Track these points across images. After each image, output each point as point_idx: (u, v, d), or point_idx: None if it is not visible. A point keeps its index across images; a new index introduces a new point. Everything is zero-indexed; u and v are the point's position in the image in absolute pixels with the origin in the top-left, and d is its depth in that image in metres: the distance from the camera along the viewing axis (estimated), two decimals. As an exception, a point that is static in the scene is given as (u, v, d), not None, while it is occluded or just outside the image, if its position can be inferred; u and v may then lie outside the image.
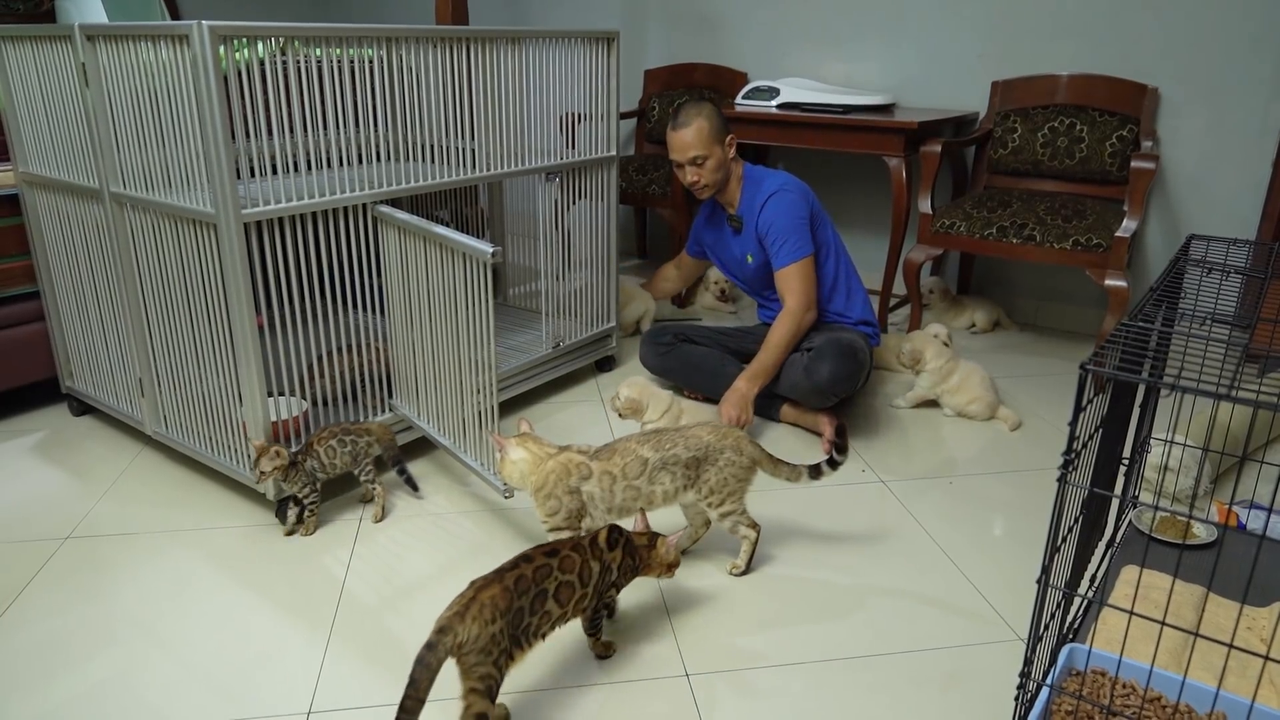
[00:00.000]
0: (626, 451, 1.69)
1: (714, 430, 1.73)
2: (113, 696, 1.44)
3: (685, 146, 2.37)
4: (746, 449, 1.73)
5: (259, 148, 1.77)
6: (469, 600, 1.27)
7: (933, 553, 1.87)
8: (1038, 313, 3.41)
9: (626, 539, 1.51)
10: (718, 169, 2.40)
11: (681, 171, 2.43)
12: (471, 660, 1.25)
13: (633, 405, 2.30)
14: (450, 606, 1.27)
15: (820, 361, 2.30)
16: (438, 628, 1.24)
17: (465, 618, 1.25)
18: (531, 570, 1.35)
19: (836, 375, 2.29)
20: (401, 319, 2.04)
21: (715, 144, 2.37)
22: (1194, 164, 2.98)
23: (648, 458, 1.67)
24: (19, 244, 2.37)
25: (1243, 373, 2.56)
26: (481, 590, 1.29)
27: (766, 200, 2.38)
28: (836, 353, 2.30)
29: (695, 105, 2.39)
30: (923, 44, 3.36)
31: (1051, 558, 1.01)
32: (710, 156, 2.37)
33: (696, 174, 2.40)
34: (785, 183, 2.41)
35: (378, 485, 1.98)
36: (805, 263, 2.36)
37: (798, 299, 2.35)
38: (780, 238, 2.37)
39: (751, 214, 2.44)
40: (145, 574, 1.77)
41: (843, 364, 2.29)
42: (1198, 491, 2.01)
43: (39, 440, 2.35)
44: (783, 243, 2.36)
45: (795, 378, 2.36)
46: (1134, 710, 1.04)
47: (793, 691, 1.46)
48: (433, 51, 2.06)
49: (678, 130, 2.37)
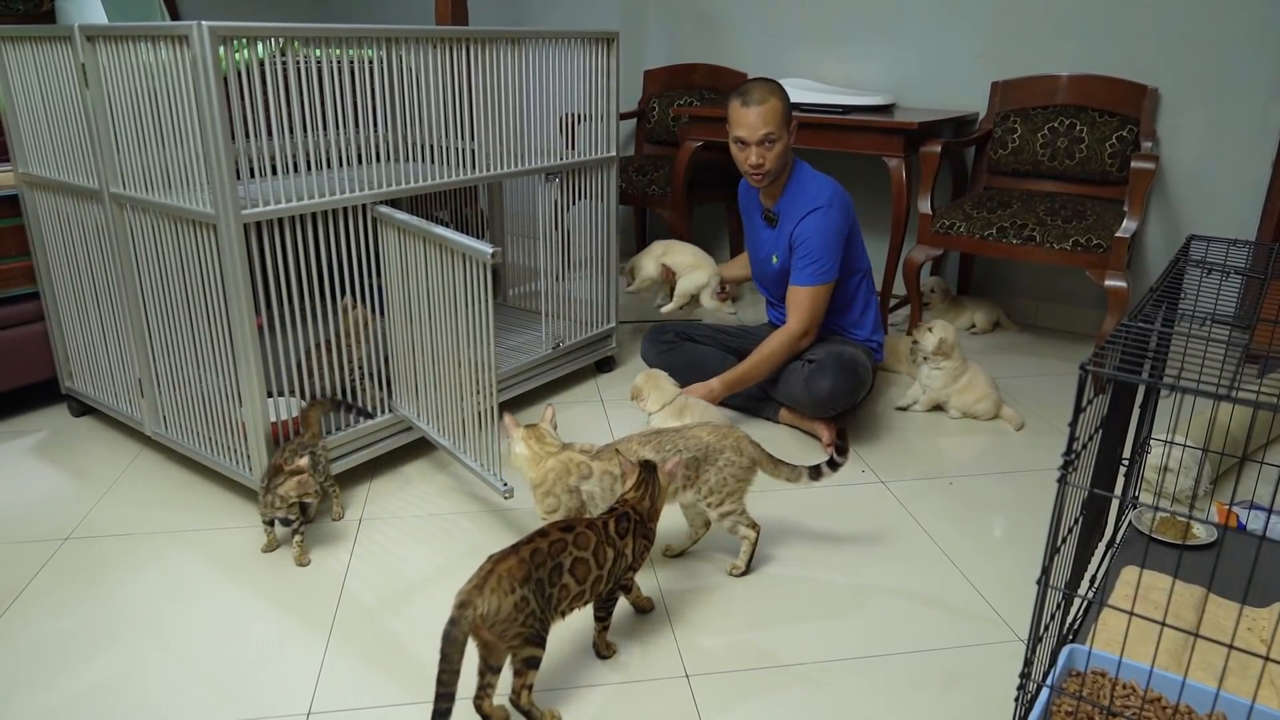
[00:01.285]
0: (628, 452, 1.69)
1: (714, 430, 1.73)
2: (113, 697, 1.44)
3: (758, 124, 2.21)
4: (747, 449, 1.73)
5: (259, 148, 1.77)
6: (486, 573, 1.29)
7: (932, 553, 1.87)
8: (1038, 313, 3.41)
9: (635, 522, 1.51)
10: (783, 154, 2.27)
11: (745, 152, 2.26)
12: (500, 629, 1.27)
13: (634, 391, 2.29)
14: (470, 579, 1.29)
15: (821, 376, 2.27)
16: (458, 602, 1.26)
17: (484, 590, 1.27)
18: (547, 544, 1.37)
19: (835, 391, 2.27)
20: (401, 319, 2.04)
21: (784, 128, 2.25)
22: (1194, 164, 2.98)
23: (646, 458, 1.67)
24: (19, 245, 2.37)
25: (1243, 373, 2.56)
26: (499, 563, 1.31)
27: (812, 212, 2.28)
28: (838, 368, 2.28)
29: (768, 83, 2.25)
30: (923, 44, 3.36)
31: (1051, 558, 1.01)
32: (779, 140, 2.24)
33: (762, 156, 2.24)
34: (834, 196, 2.30)
35: (335, 487, 2.00)
36: (824, 289, 2.30)
37: (802, 322, 2.31)
38: (811, 255, 2.28)
39: (791, 217, 2.33)
40: (145, 574, 1.77)
41: (843, 380, 2.27)
42: (1197, 492, 2.01)
43: (39, 441, 2.35)
44: (811, 261, 2.28)
45: (795, 389, 2.34)
46: (1134, 711, 1.04)
47: (793, 692, 1.46)
48: (433, 52, 2.06)
49: (750, 106, 2.21)
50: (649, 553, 1.55)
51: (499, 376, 2.42)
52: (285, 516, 1.80)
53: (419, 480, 2.15)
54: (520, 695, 1.33)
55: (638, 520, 1.51)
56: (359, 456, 2.09)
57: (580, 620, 1.63)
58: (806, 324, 2.32)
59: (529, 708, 1.34)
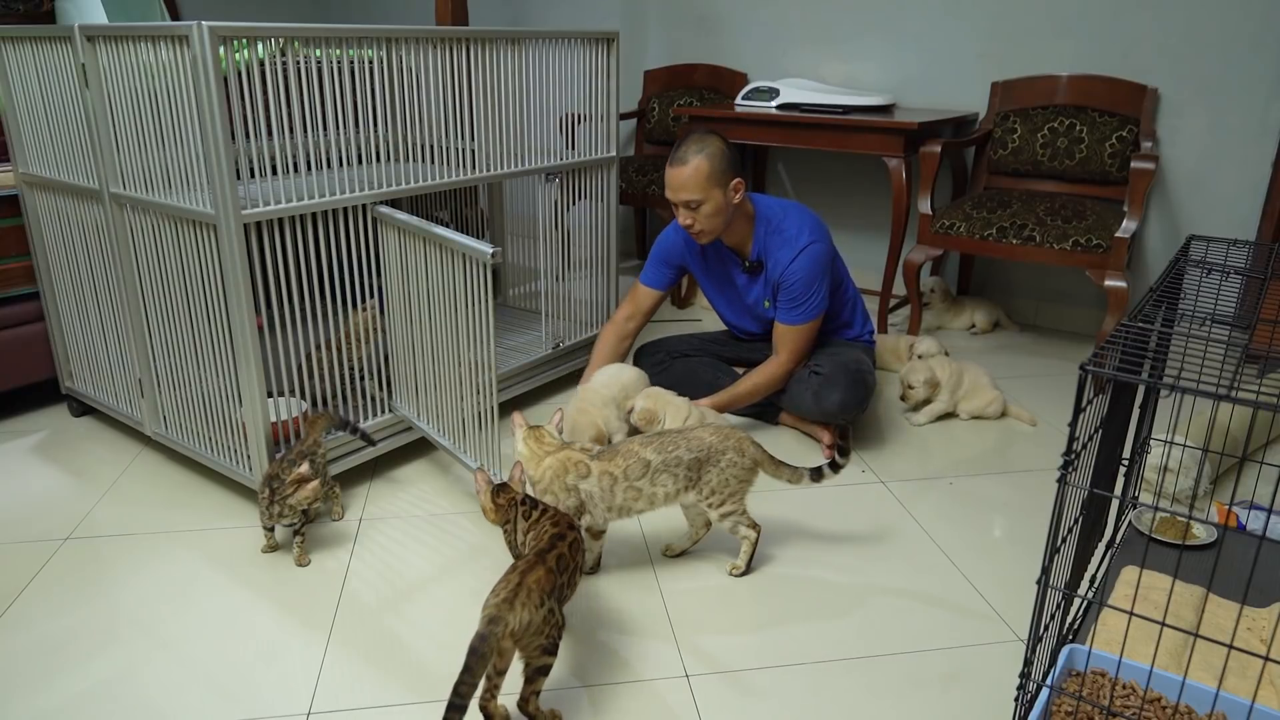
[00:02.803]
0: (629, 454, 1.68)
1: (716, 431, 1.73)
2: (113, 697, 1.44)
3: (679, 187, 2.13)
4: (749, 450, 1.73)
5: (259, 148, 1.77)
6: (516, 586, 1.27)
7: (933, 553, 1.87)
8: (1038, 313, 3.41)
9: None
10: (715, 214, 2.16)
11: (676, 211, 2.21)
12: (526, 641, 1.28)
13: (648, 416, 2.18)
14: (496, 592, 1.27)
15: (831, 390, 2.26)
16: (489, 617, 1.23)
17: (515, 605, 1.25)
18: (567, 547, 1.38)
19: (847, 403, 2.25)
20: (401, 319, 2.04)
21: (715, 187, 2.13)
22: (1194, 164, 2.98)
23: (650, 459, 1.67)
24: (19, 245, 2.37)
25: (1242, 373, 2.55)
26: (526, 575, 1.29)
27: (801, 253, 2.22)
28: (848, 382, 2.26)
29: (700, 140, 2.14)
30: (923, 44, 3.36)
31: (1051, 558, 1.01)
32: (707, 201, 2.13)
33: (690, 218, 2.17)
34: (813, 229, 2.26)
35: (336, 488, 1.99)
36: (815, 324, 2.30)
37: (793, 357, 2.31)
38: (801, 295, 2.25)
39: (779, 261, 2.25)
40: (145, 574, 1.77)
41: (853, 393, 2.26)
42: (1197, 492, 2.01)
43: (39, 440, 2.35)
44: (802, 302, 2.25)
45: (804, 401, 2.32)
46: (1134, 711, 1.04)
47: (792, 691, 1.46)
48: (433, 52, 2.06)
49: (673, 166, 2.14)
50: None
51: (499, 376, 2.42)
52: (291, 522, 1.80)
53: (419, 480, 2.15)
54: (529, 701, 1.33)
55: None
56: (359, 456, 2.09)
57: (579, 620, 1.64)
58: (797, 358, 2.33)
59: (534, 713, 1.34)
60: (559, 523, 1.44)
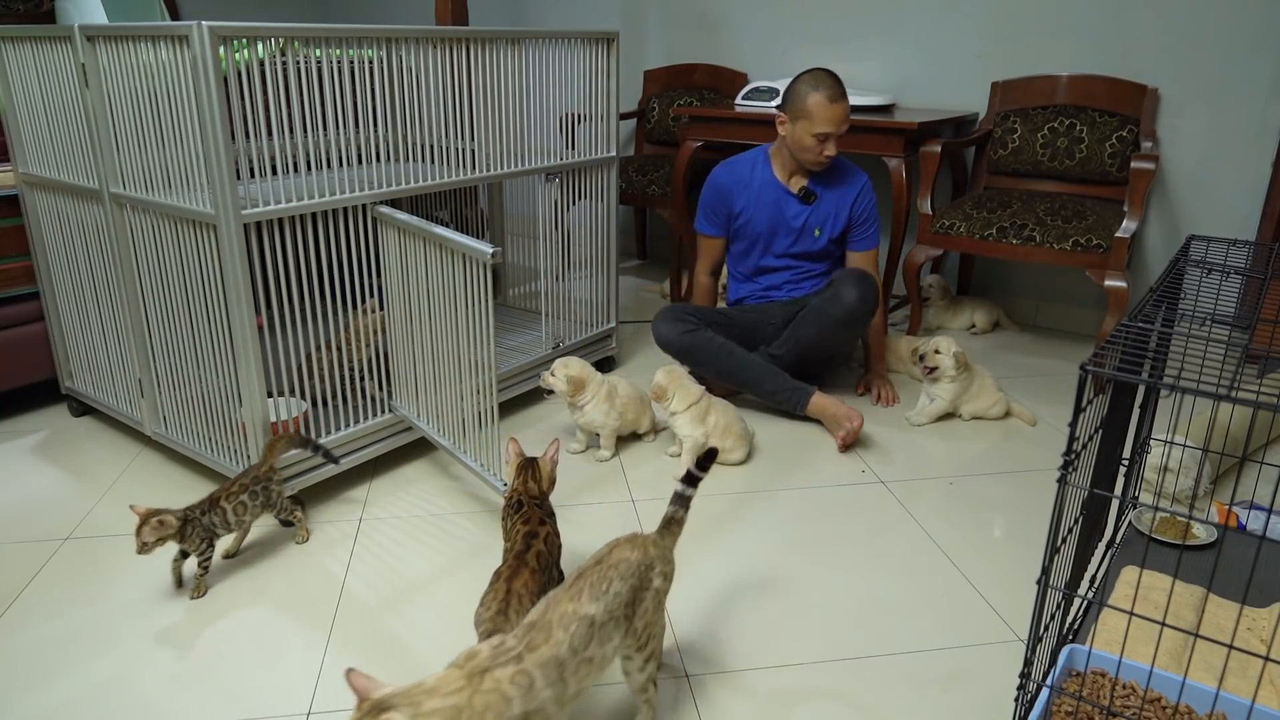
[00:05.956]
0: (564, 619, 1.16)
1: (629, 545, 1.29)
2: (113, 697, 1.44)
3: (843, 118, 2.42)
4: (668, 554, 1.34)
5: (259, 148, 1.77)
6: (505, 595, 1.26)
7: (933, 553, 1.88)
8: (1038, 313, 3.41)
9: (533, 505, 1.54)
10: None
11: (824, 144, 2.44)
12: None
13: (659, 392, 2.21)
14: (487, 605, 1.26)
15: (844, 287, 2.44)
16: (485, 632, 1.22)
17: (509, 614, 1.24)
18: (542, 543, 1.37)
19: (865, 296, 2.44)
20: (401, 319, 2.04)
21: None
22: (1194, 164, 2.98)
23: (592, 614, 1.18)
24: (19, 245, 2.37)
25: (1242, 373, 2.55)
26: (512, 581, 1.28)
27: (864, 187, 2.60)
28: (858, 277, 2.46)
29: (836, 77, 2.42)
30: (923, 44, 3.36)
31: (1051, 558, 1.01)
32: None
33: (836, 146, 2.46)
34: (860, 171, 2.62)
35: (298, 512, 1.88)
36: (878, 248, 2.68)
37: (877, 277, 2.60)
38: (872, 224, 2.63)
39: (838, 190, 2.58)
40: (145, 574, 1.77)
41: (866, 285, 2.45)
42: (1197, 492, 2.01)
43: (39, 440, 2.35)
44: (872, 229, 2.63)
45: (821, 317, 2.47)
46: (1134, 711, 1.04)
47: (793, 692, 1.46)
48: (433, 52, 2.06)
49: (837, 102, 2.39)
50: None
51: (499, 376, 2.42)
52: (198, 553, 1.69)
53: (419, 480, 2.15)
54: None
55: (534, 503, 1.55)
56: (359, 456, 2.09)
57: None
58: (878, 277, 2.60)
59: None
60: (529, 519, 1.43)
